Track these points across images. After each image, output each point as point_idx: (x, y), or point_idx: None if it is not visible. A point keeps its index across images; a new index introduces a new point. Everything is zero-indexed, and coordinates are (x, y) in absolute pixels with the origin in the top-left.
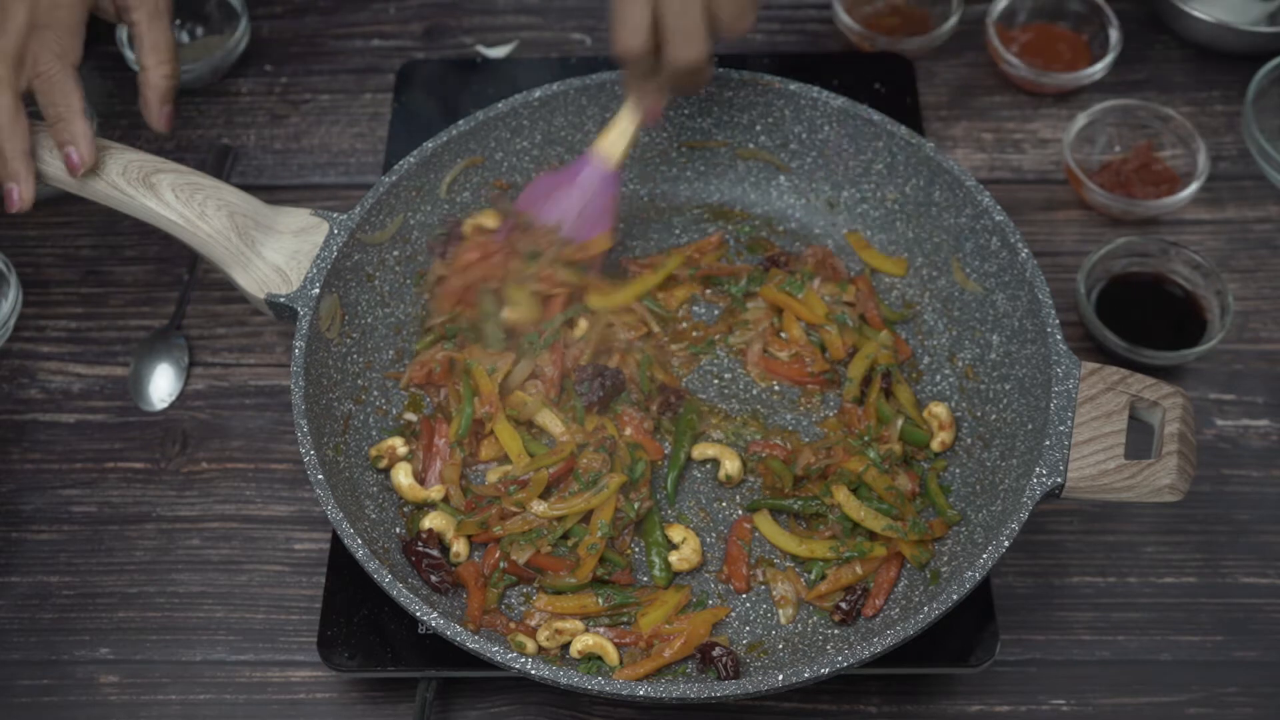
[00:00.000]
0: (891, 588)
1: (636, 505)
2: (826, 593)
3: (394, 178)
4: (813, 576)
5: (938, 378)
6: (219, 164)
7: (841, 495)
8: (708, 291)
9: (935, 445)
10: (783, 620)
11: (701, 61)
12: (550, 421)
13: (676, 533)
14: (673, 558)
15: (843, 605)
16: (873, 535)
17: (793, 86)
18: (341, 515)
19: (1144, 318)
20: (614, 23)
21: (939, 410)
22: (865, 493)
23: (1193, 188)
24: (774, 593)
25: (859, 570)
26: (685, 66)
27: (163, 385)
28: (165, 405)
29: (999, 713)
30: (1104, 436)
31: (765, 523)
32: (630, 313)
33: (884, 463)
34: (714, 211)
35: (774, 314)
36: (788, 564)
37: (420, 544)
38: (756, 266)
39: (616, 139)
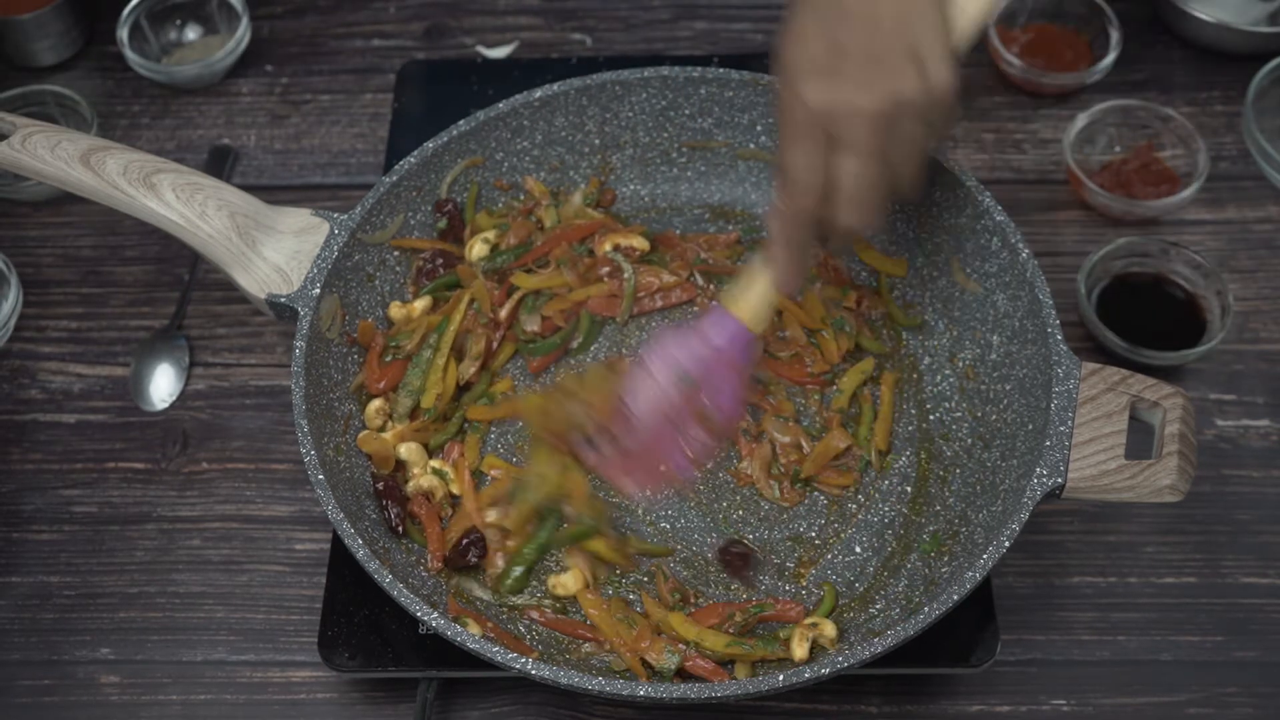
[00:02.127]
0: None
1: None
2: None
3: (394, 178)
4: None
5: (938, 378)
6: (219, 164)
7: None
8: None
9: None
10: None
11: (867, 229)
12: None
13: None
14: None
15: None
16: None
17: None
18: (342, 515)
19: (1144, 318)
20: (781, 178)
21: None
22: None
23: (1193, 188)
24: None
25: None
26: (849, 232)
27: (163, 385)
28: (166, 405)
29: (999, 713)
30: (1104, 437)
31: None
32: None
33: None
34: (714, 212)
35: (774, 314)
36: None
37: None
38: None
39: (757, 302)
